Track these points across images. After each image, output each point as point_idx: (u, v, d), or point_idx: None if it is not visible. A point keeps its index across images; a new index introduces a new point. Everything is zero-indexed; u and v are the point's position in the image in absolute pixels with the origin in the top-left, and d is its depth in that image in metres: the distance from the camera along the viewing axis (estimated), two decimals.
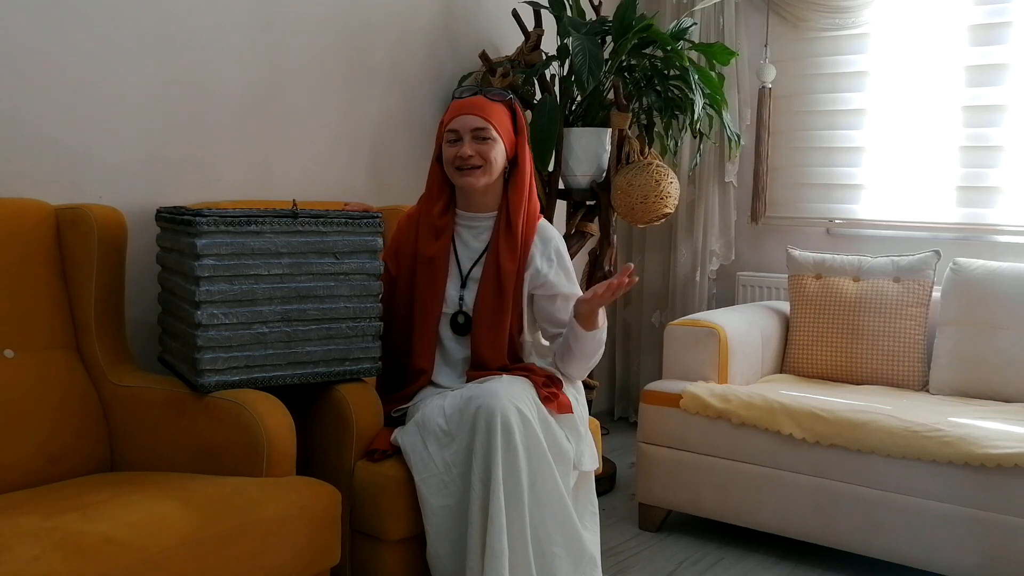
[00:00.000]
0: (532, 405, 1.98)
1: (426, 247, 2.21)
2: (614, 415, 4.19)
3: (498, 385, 1.96)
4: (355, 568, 2.06)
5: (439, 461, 1.95)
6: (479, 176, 2.14)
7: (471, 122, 2.13)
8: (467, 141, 2.12)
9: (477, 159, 2.12)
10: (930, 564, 2.33)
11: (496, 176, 2.18)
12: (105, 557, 1.46)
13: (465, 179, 2.14)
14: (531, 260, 2.19)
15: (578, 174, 3.09)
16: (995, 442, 2.23)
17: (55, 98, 2.21)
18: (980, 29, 3.27)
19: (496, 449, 1.86)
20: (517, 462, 1.88)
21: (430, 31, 3.17)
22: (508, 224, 2.18)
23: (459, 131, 2.13)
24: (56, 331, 2.05)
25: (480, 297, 2.16)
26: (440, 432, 1.96)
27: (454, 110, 2.17)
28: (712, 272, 3.86)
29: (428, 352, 2.19)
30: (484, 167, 2.13)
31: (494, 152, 2.14)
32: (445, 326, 2.21)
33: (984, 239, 3.28)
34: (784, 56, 3.68)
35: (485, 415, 1.89)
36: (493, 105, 2.16)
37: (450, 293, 2.20)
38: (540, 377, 2.10)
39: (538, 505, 1.91)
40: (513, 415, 1.89)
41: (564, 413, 2.07)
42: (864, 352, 2.94)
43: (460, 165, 2.13)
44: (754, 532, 2.69)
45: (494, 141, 2.14)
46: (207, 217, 1.88)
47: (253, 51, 2.63)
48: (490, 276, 2.16)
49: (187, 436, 1.95)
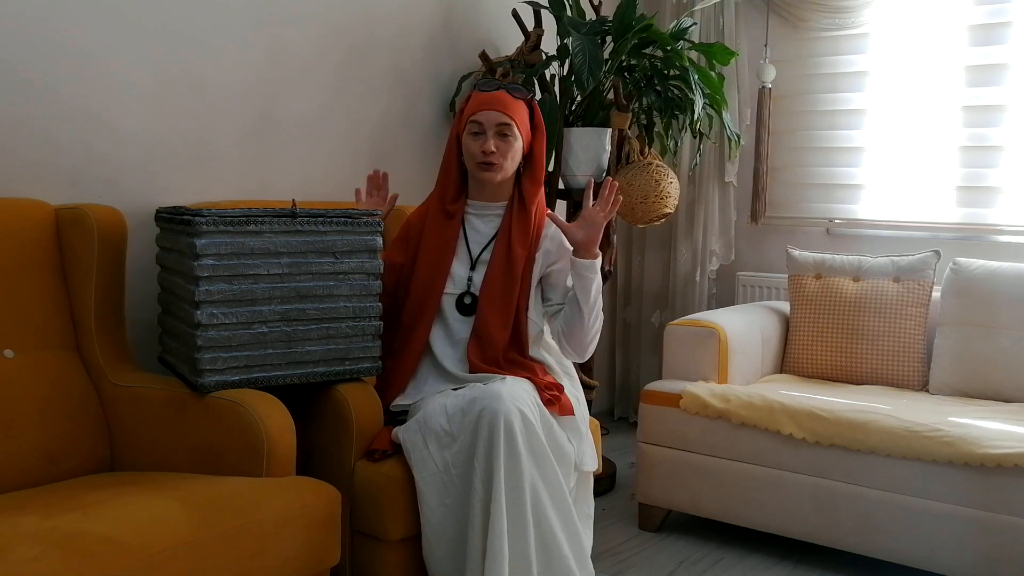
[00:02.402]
0: (534, 407, 1.98)
1: (436, 229, 2.26)
2: (614, 415, 4.19)
3: (501, 387, 1.96)
4: (355, 568, 2.06)
5: (439, 460, 1.95)
6: (497, 172, 2.21)
7: (496, 118, 2.18)
8: (491, 136, 2.18)
9: (499, 156, 2.19)
10: (930, 564, 2.33)
11: (512, 171, 2.25)
12: (105, 557, 1.46)
13: (485, 174, 2.21)
14: (542, 242, 2.25)
15: (578, 174, 3.09)
16: (995, 442, 2.23)
17: (55, 98, 2.21)
18: (980, 29, 3.27)
19: (499, 451, 1.86)
20: (520, 465, 1.88)
21: (430, 31, 3.17)
22: (523, 212, 2.24)
23: (484, 124, 2.19)
24: (56, 331, 2.05)
25: (488, 277, 2.20)
26: (442, 432, 1.96)
27: (479, 103, 2.21)
28: (712, 272, 3.86)
29: (427, 322, 2.20)
30: (503, 163, 2.20)
31: (514, 149, 2.21)
32: (451, 307, 2.22)
33: (984, 239, 3.28)
34: (784, 56, 3.68)
35: (488, 417, 1.89)
36: (516, 102, 2.22)
37: (459, 273, 2.23)
38: (542, 379, 2.11)
39: (542, 507, 1.91)
40: (516, 418, 1.90)
41: (566, 415, 2.09)
42: (864, 352, 2.94)
43: (482, 160, 2.19)
44: (754, 532, 2.69)
45: (515, 138, 2.20)
46: (206, 217, 1.88)
47: (253, 52, 2.63)
48: (500, 258, 2.21)
49: (187, 436, 1.95)
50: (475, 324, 2.18)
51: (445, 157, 2.32)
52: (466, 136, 2.22)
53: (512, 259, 2.20)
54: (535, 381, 2.08)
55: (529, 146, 2.26)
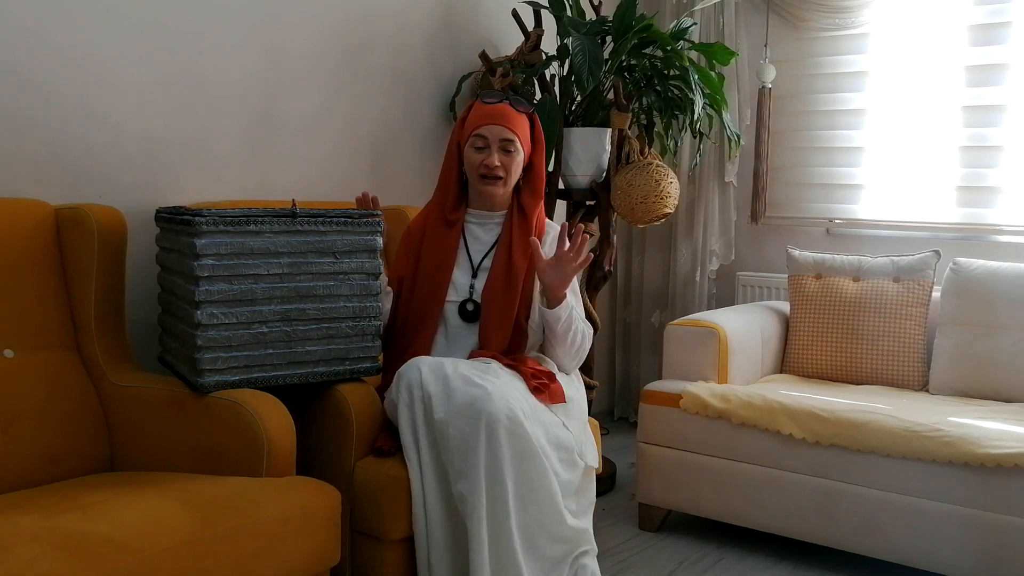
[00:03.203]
0: (523, 402, 1.97)
1: (436, 237, 2.27)
2: (614, 415, 4.19)
3: (492, 387, 1.93)
4: (355, 568, 2.06)
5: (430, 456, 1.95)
6: (499, 186, 2.24)
7: (500, 132, 2.21)
8: (495, 151, 2.21)
9: (501, 170, 2.22)
10: (930, 564, 2.33)
11: (513, 184, 2.28)
12: (105, 557, 1.46)
13: (488, 188, 2.25)
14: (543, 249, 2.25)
15: (578, 174, 3.09)
16: (995, 442, 2.23)
17: (55, 98, 2.21)
18: (980, 29, 3.27)
19: (480, 459, 1.87)
20: (501, 469, 1.87)
21: (430, 30, 3.17)
22: (524, 221, 2.26)
23: (488, 139, 2.21)
24: (56, 331, 2.05)
25: (489, 285, 2.21)
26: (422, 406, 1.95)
27: (483, 116, 2.23)
28: (712, 272, 3.86)
29: (430, 330, 2.20)
30: (506, 178, 2.23)
31: (515, 163, 2.24)
32: (454, 314, 2.22)
33: (984, 239, 3.28)
34: (784, 56, 3.68)
35: (485, 420, 1.88)
36: (519, 116, 2.25)
37: (461, 281, 2.24)
38: (529, 368, 2.10)
39: (524, 506, 1.91)
40: (502, 422, 1.88)
41: (557, 403, 2.09)
42: (864, 352, 2.94)
43: (485, 174, 2.22)
44: (754, 532, 2.69)
45: (517, 152, 2.24)
46: (206, 217, 1.88)
47: (253, 52, 2.63)
48: (500, 266, 2.22)
49: (187, 436, 1.95)
50: (480, 334, 2.19)
51: (445, 165, 2.33)
52: (468, 148, 2.24)
53: (513, 269, 2.21)
54: (522, 371, 2.08)
55: (529, 158, 2.29)
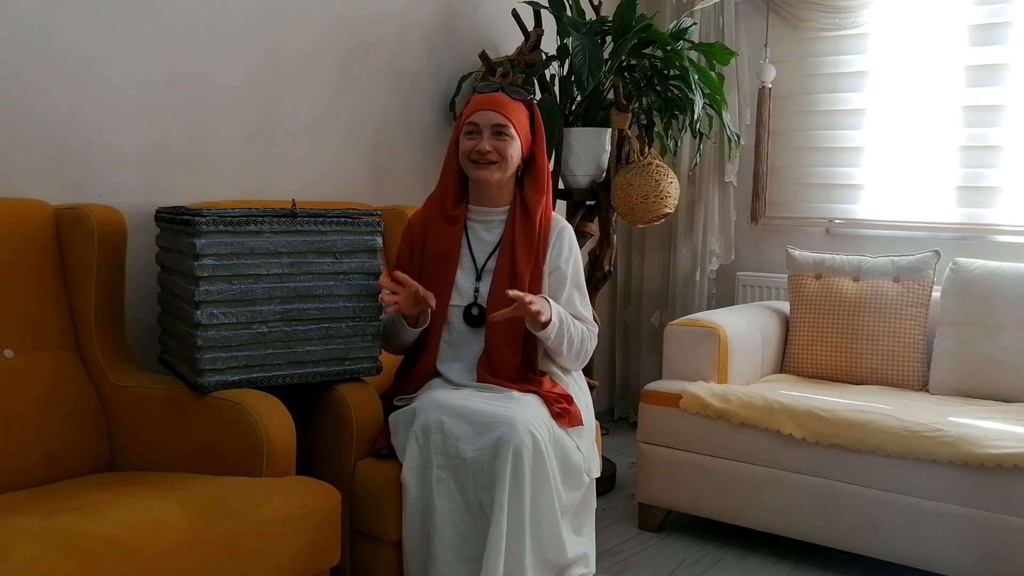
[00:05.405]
0: (544, 428, 1.98)
1: (438, 236, 2.23)
2: (614, 415, 4.19)
3: (515, 412, 1.93)
4: (355, 568, 2.06)
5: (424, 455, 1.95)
6: (493, 171, 2.18)
7: (491, 118, 2.17)
8: (486, 136, 2.17)
9: (494, 155, 2.17)
10: (930, 564, 2.33)
11: (510, 173, 2.22)
12: (105, 557, 1.46)
13: (480, 172, 2.19)
14: (550, 249, 2.23)
15: (578, 174, 3.09)
16: (995, 442, 2.23)
17: (55, 98, 2.21)
18: (980, 29, 3.27)
19: (505, 484, 1.87)
20: (523, 495, 1.88)
21: (430, 31, 3.17)
22: (527, 219, 2.21)
23: (479, 125, 2.18)
24: (56, 331, 2.05)
25: (495, 288, 2.18)
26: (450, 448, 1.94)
27: (476, 104, 2.20)
28: (712, 272, 3.86)
29: (435, 335, 2.19)
30: (500, 163, 2.18)
31: (511, 149, 2.18)
32: (458, 318, 2.20)
33: (984, 239, 3.28)
34: (784, 56, 3.68)
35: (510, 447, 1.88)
36: (514, 103, 2.21)
37: (465, 285, 2.21)
38: (550, 393, 2.10)
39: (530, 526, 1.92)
40: (527, 450, 1.89)
41: (575, 426, 2.10)
42: (864, 352, 2.94)
43: (476, 159, 2.18)
44: (754, 532, 2.69)
45: (511, 139, 2.18)
46: (206, 217, 1.88)
47: (254, 52, 2.63)
48: (505, 267, 2.19)
49: (187, 436, 1.96)
50: (486, 339, 2.16)
51: (445, 162, 2.31)
52: (462, 138, 2.21)
53: (517, 269, 2.17)
54: (543, 395, 2.08)
55: (529, 149, 2.24)
